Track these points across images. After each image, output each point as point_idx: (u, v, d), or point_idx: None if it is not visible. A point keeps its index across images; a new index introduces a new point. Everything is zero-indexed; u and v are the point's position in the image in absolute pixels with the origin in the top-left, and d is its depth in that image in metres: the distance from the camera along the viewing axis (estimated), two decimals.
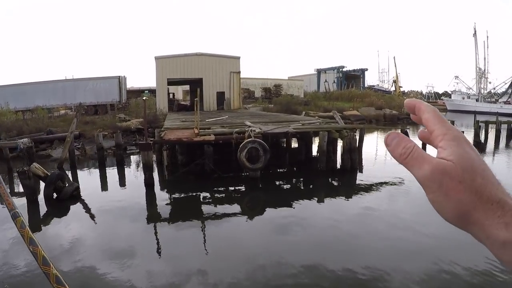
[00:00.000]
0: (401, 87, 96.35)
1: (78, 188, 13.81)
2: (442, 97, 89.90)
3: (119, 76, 41.64)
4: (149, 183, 14.74)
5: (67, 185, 13.68)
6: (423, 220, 10.71)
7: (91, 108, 39.61)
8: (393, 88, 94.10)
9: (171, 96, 44.48)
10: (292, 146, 25.37)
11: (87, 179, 18.27)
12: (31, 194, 12.77)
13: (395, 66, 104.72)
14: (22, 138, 21.13)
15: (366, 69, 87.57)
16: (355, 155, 18.13)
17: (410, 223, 11.08)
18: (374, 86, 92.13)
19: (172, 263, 8.72)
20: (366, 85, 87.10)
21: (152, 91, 45.75)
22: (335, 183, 17.65)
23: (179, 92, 61.13)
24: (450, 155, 0.59)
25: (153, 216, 12.52)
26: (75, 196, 13.39)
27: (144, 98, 17.84)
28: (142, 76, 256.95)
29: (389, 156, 0.67)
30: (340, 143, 19.36)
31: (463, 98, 76.40)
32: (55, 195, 13.14)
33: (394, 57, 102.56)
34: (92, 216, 12.29)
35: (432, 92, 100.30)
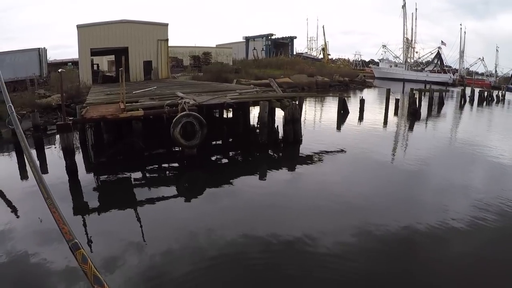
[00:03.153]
0: (329, 54, 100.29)
1: None
2: (370, 65, 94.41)
3: (39, 48, 37.95)
4: (71, 170, 12.92)
5: None
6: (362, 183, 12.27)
7: (9, 85, 36.03)
8: (321, 56, 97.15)
9: (95, 67, 42.06)
10: (227, 116, 24.34)
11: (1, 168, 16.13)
12: None
13: (324, 34, 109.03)
14: None
15: (295, 37, 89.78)
16: (298, 126, 17.31)
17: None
18: (302, 53, 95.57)
19: (103, 243, 8.35)
20: (294, 53, 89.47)
21: (76, 63, 42.50)
22: (277, 156, 16.93)
23: (104, 62, 57.82)
24: None
25: (79, 206, 11.08)
26: None
27: (59, 70, 15.28)
28: (67, 48, 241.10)
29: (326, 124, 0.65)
30: (278, 112, 18.56)
31: (391, 66, 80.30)
32: None
33: (323, 26, 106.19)
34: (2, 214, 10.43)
35: (359, 60, 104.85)
